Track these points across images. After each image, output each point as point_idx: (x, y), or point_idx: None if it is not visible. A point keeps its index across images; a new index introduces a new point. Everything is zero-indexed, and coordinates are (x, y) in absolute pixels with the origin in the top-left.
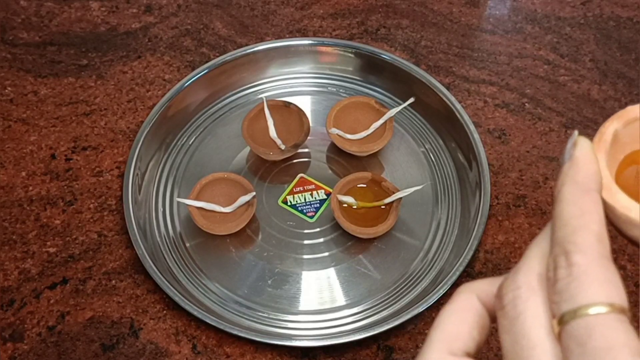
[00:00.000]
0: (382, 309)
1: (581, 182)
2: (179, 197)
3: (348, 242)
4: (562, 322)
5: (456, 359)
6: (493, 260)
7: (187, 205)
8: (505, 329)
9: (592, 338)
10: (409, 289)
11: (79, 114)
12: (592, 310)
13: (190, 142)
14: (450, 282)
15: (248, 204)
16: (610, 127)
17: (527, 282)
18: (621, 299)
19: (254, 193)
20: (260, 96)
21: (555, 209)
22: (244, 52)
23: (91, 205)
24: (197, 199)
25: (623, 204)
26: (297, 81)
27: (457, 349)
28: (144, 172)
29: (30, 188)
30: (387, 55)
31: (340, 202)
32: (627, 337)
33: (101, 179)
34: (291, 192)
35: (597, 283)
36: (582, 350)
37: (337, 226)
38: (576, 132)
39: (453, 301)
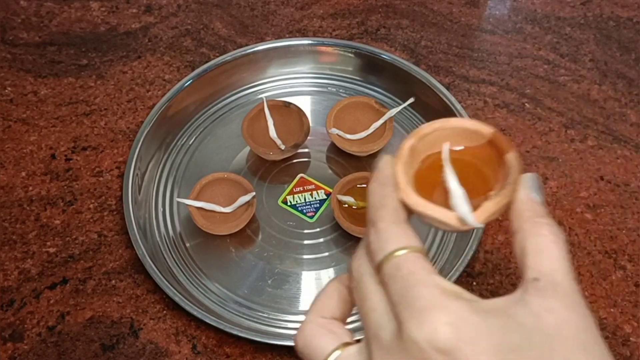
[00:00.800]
0: None
1: (380, 181)
2: (179, 197)
3: (348, 242)
4: (380, 269)
5: (325, 321)
6: (493, 260)
7: (187, 205)
8: (354, 289)
9: (399, 270)
10: None
11: (79, 114)
12: (396, 254)
13: (190, 142)
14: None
15: (248, 204)
16: (407, 143)
17: (357, 256)
18: (416, 244)
19: (254, 193)
20: (260, 96)
21: (367, 202)
22: (244, 52)
23: (91, 205)
24: (197, 199)
25: (412, 201)
26: (297, 81)
27: (327, 313)
28: (144, 172)
29: (30, 188)
30: (387, 55)
31: (340, 202)
32: (423, 265)
33: (101, 179)
34: (291, 192)
35: (395, 236)
36: (393, 281)
37: (337, 226)
38: (384, 156)
39: (324, 288)
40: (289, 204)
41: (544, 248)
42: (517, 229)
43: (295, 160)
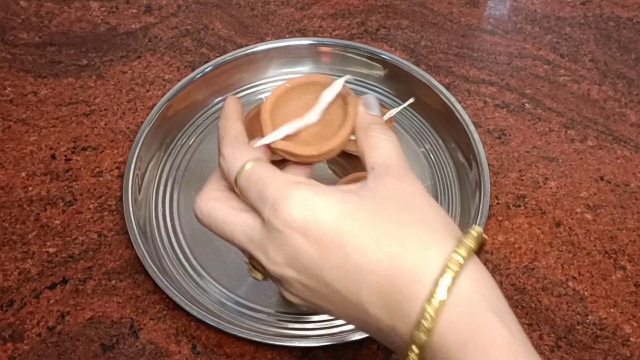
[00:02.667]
0: None
1: (225, 115)
2: (179, 197)
3: None
4: (236, 186)
5: (221, 192)
6: (493, 260)
7: (271, 144)
8: (218, 224)
9: (251, 178)
10: None
11: (79, 114)
12: (244, 168)
13: (190, 142)
14: None
15: (341, 98)
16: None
17: (211, 185)
18: (257, 155)
19: (348, 76)
20: (260, 96)
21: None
22: (244, 52)
23: (91, 206)
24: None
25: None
26: None
27: (221, 186)
28: (144, 172)
29: (30, 188)
30: (387, 55)
31: None
32: (266, 168)
33: (101, 179)
34: None
35: (238, 156)
36: (248, 191)
37: None
38: (231, 94)
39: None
40: None
41: (375, 145)
42: (357, 137)
43: None
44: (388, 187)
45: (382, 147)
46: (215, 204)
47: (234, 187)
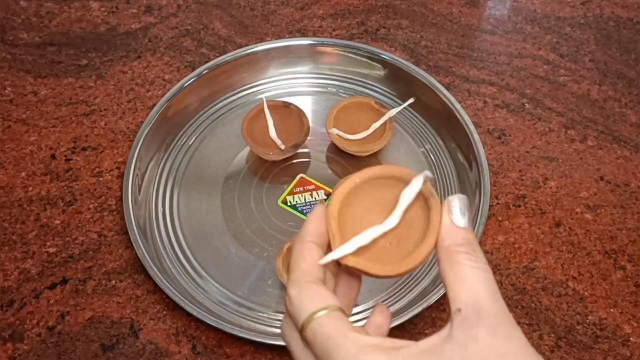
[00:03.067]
0: None
1: (302, 236)
2: (179, 197)
3: None
4: (302, 334)
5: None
6: (493, 260)
7: (341, 260)
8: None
9: (317, 337)
10: (409, 289)
11: (79, 114)
12: (312, 318)
13: (190, 142)
14: None
15: (422, 197)
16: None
17: (285, 321)
18: (328, 302)
19: (426, 173)
20: (260, 96)
21: None
22: (244, 52)
23: (91, 206)
24: (343, 238)
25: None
26: (297, 81)
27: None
28: (144, 172)
29: (30, 188)
30: (387, 55)
31: None
32: (337, 324)
33: (101, 179)
34: (291, 193)
35: (306, 301)
36: (315, 347)
37: None
38: (319, 200)
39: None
40: (289, 204)
41: (463, 276)
42: (439, 259)
43: (295, 161)
44: (480, 344)
45: (470, 280)
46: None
47: (300, 335)
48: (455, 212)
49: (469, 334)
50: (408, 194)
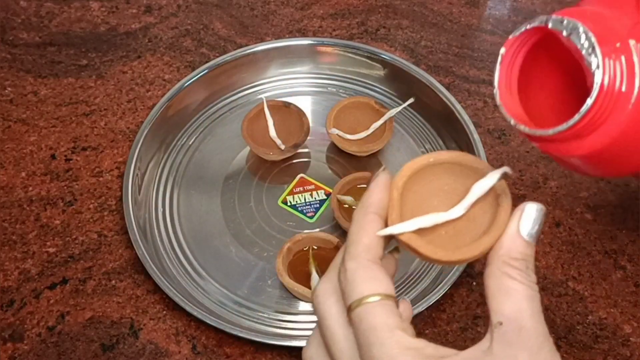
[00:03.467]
0: None
1: (365, 206)
2: (179, 197)
3: None
4: (349, 312)
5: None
6: None
7: (397, 236)
8: (319, 326)
9: (362, 322)
10: (409, 289)
11: (79, 114)
12: (362, 301)
13: (190, 142)
14: (450, 282)
15: (494, 193)
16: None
17: (323, 289)
18: (385, 289)
19: (505, 169)
20: (260, 96)
21: None
22: (244, 52)
23: (91, 206)
24: (402, 215)
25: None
26: (297, 81)
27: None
28: (144, 172)
29: (30, 188)
30: (387, 55)
31: (340, 202)
32: (386, 317)
33: (101, 179)
34: (291, 193)
35: (363, 281)
36: (358, 332)
37: (337, 226)
38: (382, 168)
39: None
40: (289, 204)
41: (509, 289)
42: (488, 262)
43: (295, 160)
44: None
45: (516, 295)
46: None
47: (347, 312)
48: (526, 221)
49: (510, 353)
50: (481, 187)
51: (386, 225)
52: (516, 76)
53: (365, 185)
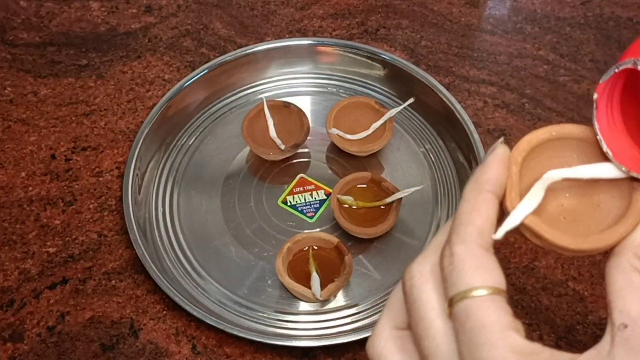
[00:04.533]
0: (382, 309)
1: (480, 183)
2: (179, 196)
3: (348, 243)
4: (451, 304)
5: (397, 334)
6: None
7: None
8: (409, 312)
9: (469, 318)
10: None
11: (79, 114)
12: (470, 294)
13: (190, 142)
14: None
15: (628, 179)
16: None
17: (419, 271)
18: (495, 282)
19: None
20: (260, 96)
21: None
22: (244, 52)
23: (91, 206)
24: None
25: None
26: (297, 81)
27: (402, 322)
28: (144, 172)
29: (30, 188)
30: (387, 55)
31: (340, 202)
32: (498, 315)
33: (101, 179)
34: (291, 193)
35: (472, 270)
36: (463, 329)
37: (337, 226)
38: (500, 139)
39: (399, 283)
40: (289, 204)
41: (638, 287)
42: (614, 253)
43: (295, 161)
44: None
45: None
46: (390, 348)
47: (447, 304)
48: None
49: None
50: (607, 170)
51: (502, 205)
52: (619, 118)
53: (365, 185)
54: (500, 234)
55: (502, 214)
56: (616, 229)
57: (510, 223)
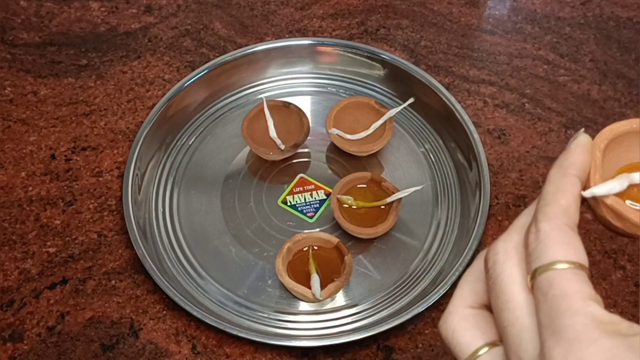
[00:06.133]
0: (382, 309)
1: (564, 166)
2: (179, 196)
3: (348, 242)
4: (533, 278)
5: (470, 312)
6: None
7: (602, 199)
8: (490, 288)
9: (552, 287)
10: (409, 289)
11: (79, 114)
12: (554, 266)
13: (190, 142)
14: (450, 282)
15: None
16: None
17: (504, 248)
18: (579, 258)
19: None
20: (260, 96)
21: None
22: (244, 52)
23: (91, 206)
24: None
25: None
26: (297, 81)
27: (475, 302)
28: (143, 172)
29: (30, 188)
30: (387, 55)
31: (340, 202)
32: (580, 286)
33: (101, 179)
34: (291, 192)
35: (557, 245)
36: (544, 298)
37: (337, 226)
38: (582, 130)
39: (472, 265)
40: (288, 204)
41: None
42: None
43: (295, 160)
44: None
45: None
46: (464, 325)
47: (529, 277)
48: None
49: None
50: None
51: (584, 189)
52: None
53: (365, 185)
54: (588, 193)
55: (584, 200)
56: None
57: (598, 190)
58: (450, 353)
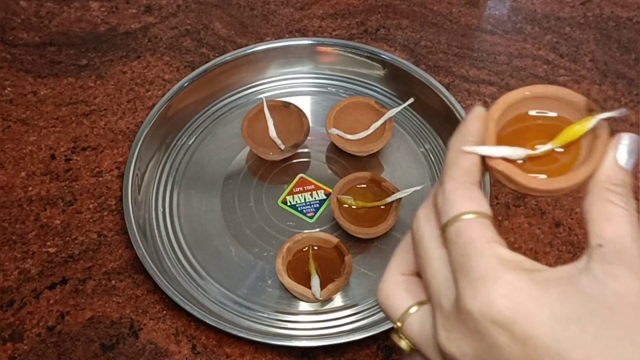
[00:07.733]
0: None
1: (462, 134)
2: (178, 196)
3: (348, 242)
4: (444, 232)
5: (402, 278)
6: None
7: (490, 163)
8: (415, 251)
9: (459, 236)
10: None
11: (79, 114)
12: (460, 218)
13: (190, 142)
14: None
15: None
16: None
17: (424, 214)
18: (482, 208)
19: (623, 110)
20: (260, 96)
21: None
22: (243, 52)
23: (91, 206)
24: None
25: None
26: (297, 81)
27: (406, 269)
28: (143, 172)
29: (30, 188)
30: (387, 55)
31: (340, 202)
32: (484, 231)
33: (101, 179)
34: (291, 193)
35: (461, 199)
36: (454, 247)
37: (337, 226)
38: (477, 104)
39: (404, 237)
40: (288, 204)
41: (610, 215)
42: (588, 191)
43: (295, 161)
44: (620, 283)
45: (617, 220)
46: (394, 290)
47: (441, 232)
48: (621, 150)
49: (609, 270)
50: (577, 129)
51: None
52: None
53: (365, 185)
54: (470, 148)
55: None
56: (579, 171)
57: (483, 150)
58: (388, 317)
